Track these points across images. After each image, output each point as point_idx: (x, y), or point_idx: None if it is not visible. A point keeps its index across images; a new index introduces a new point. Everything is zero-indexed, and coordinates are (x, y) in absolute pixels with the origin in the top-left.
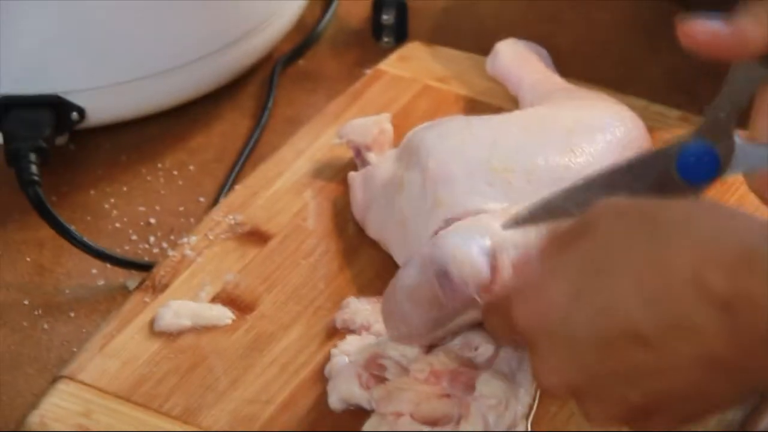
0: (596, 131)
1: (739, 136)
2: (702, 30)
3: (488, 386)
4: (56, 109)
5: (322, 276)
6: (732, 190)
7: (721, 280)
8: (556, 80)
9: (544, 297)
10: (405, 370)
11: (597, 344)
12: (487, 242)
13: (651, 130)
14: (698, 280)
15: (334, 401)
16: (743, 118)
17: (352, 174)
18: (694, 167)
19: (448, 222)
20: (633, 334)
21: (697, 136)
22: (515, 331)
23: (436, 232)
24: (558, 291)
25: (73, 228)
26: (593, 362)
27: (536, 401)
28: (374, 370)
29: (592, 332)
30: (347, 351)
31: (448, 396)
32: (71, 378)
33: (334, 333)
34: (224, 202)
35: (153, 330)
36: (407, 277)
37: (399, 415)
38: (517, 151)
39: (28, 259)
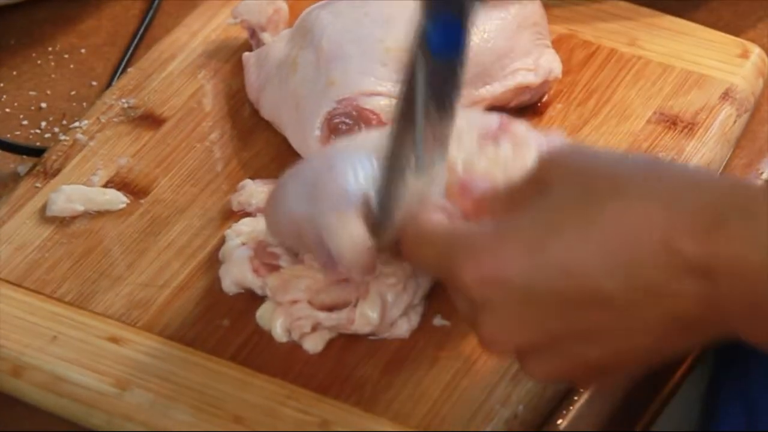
0: (490, 9)
1: None
2: None
3: (389, 266)
4: None
5: (218, 159)
6: None
7: (693, 246)
8: None
9: (499, 257)
10: (297, 256)
11: (557, 303)
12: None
13: (547, 7)
14: (669, 245)
15: (228, 285)
16: None
17: (246, 54)
18: (445, 44)
19: (341, 102)
20: (596, 295)
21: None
22: (455, 285)
23: (328, 113)
24: (514, 250)
25: None
26: (552, 321)
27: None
28: (266, 259)
29: (553, 291)
30: (241, 232)
31: (346, 280)
32: None
33: (231, 215)
34: (117, 86)
35: (45, 215)
36: (295, 213)
37: (295, 302)
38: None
39: None
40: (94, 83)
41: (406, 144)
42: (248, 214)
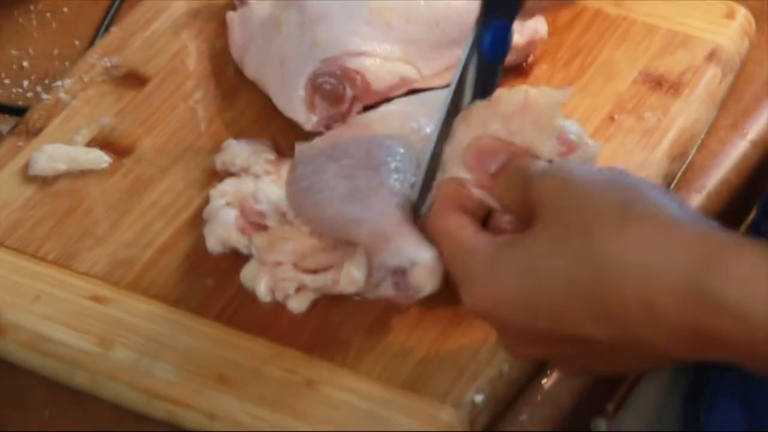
0: None
1: None
2: None
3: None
4: None
5: (202, 118)
6: None
7: (672, 310)
8: None
9: (491, 294)
10: (284, 216)
11: (549, 338)
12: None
13: None
14: (649, 306)
15: (212, 244)
16: None
17: (230, 13)
18: (498, 46)
19: (325, 62)
20: (583, 337)
21: (486, 18)
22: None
23: (313, 73)
24: (505, 289)
25: None
26: (550, 347)
27: None
28: (253, 217)
29: (547, 331)
30: (225, 192)
31: (333, 246)
32: None
33: (214, 175)
34: (99, 45)
35: (27, 174)
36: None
37: (279, 264)
38: None
39: None
40: (77, 42)
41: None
42: (232, 174)
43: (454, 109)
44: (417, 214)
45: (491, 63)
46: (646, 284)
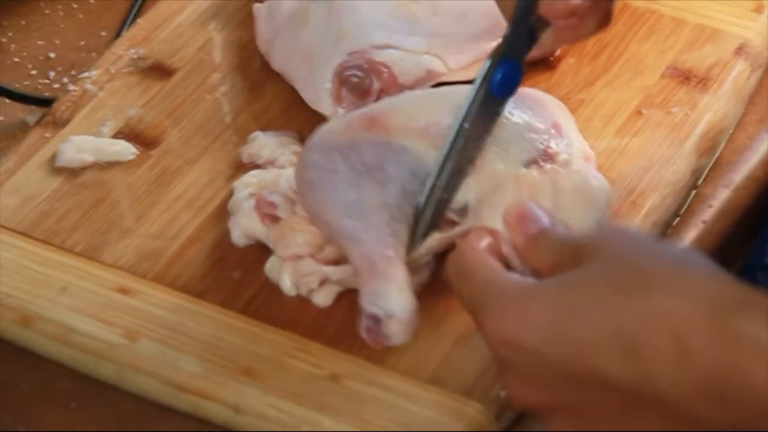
0: None
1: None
2: None
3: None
4: None
5: (228, 110)
6: None
7: (705, 347)
8: None
9: (521, 321)
10: (294, 206)
11: (568, 377)
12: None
13: None
14: (677, 341)
15: (237, 236)
16: None
17: (257, 6)
18: (506, 85)
19: (352, 55)
20: (604, 377)
21: (500, 57)
22: (481, 329)
23: (339, 65)
24: (537, 318)
25: None
26: (564, 391)
27: None
28: (266, 209)
29: (565, 365)
30: (249, 183)
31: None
32: None
33: (240, 167)
34: (126, 36)
35: (54, 166)
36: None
37: (299, 257)
38: None
39: None
40: (103, 33)
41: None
42: (258, 166)
43: (459, 141)
44: (413, 242)
45: (498, 99)
46: (680, 316)
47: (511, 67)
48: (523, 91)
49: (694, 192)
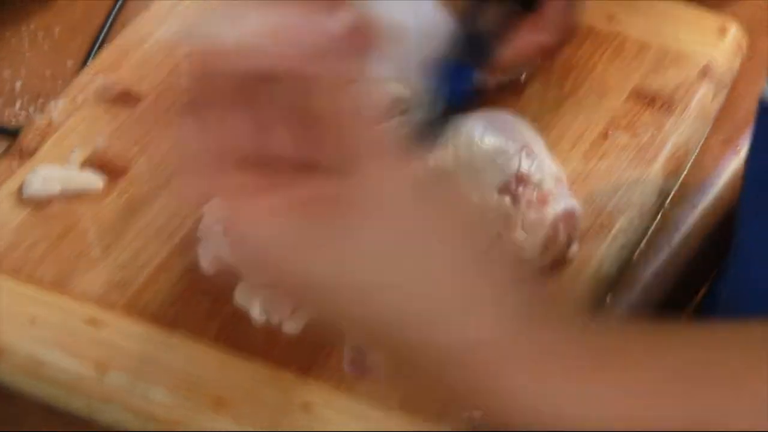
0: None
1: None
2: None
3: None
4: None
5: None
6: None
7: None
8: None
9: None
10: None
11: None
12: None
13: None
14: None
15: (206, 264)
16: None
17: None
18: (458, 91)
19: None
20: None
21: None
22: None
23: None
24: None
25: None
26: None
27: None
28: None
29: None
30: (220, 208)
31: None
32: None
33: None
34: (93, 64)
35: (21, 197)
36: None
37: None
38: None
39: None
40: (70, 62)
41: None
42: None
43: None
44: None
45: (449, 104)
46: None
47: (465, 72)
48: (492, 114)
49: (660, 214)
